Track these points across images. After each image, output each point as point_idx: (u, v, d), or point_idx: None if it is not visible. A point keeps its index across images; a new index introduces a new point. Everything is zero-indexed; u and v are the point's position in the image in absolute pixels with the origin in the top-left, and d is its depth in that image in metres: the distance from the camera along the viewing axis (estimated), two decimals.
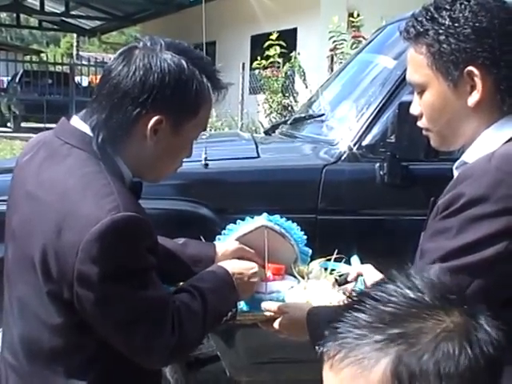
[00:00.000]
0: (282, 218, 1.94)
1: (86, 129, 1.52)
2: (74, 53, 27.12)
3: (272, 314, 1.77)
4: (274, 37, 10.52)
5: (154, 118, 1.48)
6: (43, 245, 1.44)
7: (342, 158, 2.98)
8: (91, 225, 1.38)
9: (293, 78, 11.53)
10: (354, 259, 2.02)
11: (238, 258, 1.84)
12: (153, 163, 1.57)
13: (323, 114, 3.53)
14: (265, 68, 11.30)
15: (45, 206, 1.46)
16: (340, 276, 1.97)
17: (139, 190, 1.61)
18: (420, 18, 1.50)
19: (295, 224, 1.96)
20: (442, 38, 1.46)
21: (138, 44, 1.54)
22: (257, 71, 12.34)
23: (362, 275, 1.90)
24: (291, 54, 11.50)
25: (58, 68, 20.25)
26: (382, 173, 2.90)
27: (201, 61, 1.56)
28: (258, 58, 11.36)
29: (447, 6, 1.47)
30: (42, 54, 26.23)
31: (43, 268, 1.45)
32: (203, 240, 1.99)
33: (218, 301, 1.63)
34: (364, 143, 3.00)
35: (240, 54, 15.30)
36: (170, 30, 16.58)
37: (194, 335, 1.58)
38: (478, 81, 1.44)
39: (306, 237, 1.98)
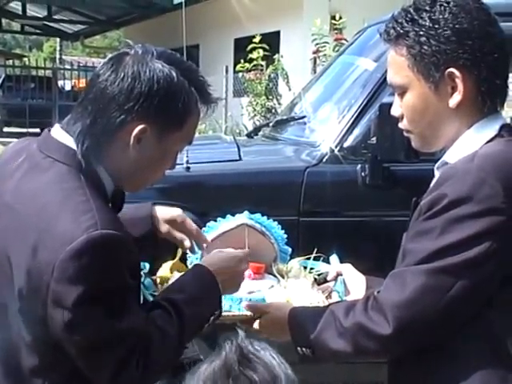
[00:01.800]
0: (263, 216, 1.94)
1: (69, 141, 1.49)
2: (57, 57, 27.01)
3: (252, 313, 1.74)
4: (257, 40, 10.52)
5: (139, 127, 1.45)
6: (17, 261, 1.40)
7: (324, 159, 3.00)
8: (67, 243, 1.33)
9: (276, 81, 11.53)
10: (334, 258, 2.01)
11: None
12: (134, 173, 1.53)
13: (305, 116, 3.54)
14: (248, 71, 11.29)
15: (21, 221, 1.43)
16: (319, 275, 1.98)
17: (121, 200, 1.58)
18: (400, 20, 1.51)
19: (276, 223, 1.96)
20: (422, 39, 1.46)
21: (130, 51, 1.50)
22: (240, 74, 12.33)
23: (341, 275, 1.90)
24: (274, 57, 11.48)
25: (41, 72, 20.12)
26: (363, 174, 2.91)
27: (191, 72, 1.53)
28: (242, 60, 11.36)
29: (427, 8, 1.48)
30: (25, 59, 26.09)
31: (17, 283, 1.40)
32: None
33: (197, 311, 1.57)
34: (345, 145, 3.02)
35: (223, 57, 15.29)
36: (154, 33, 16.57)
37: (166, 358, 1.51)
38: (459, 82, 1.45)
39: (286, 235, 1.97)
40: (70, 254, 1.33)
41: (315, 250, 2.04)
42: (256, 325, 1.74)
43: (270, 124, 4.03)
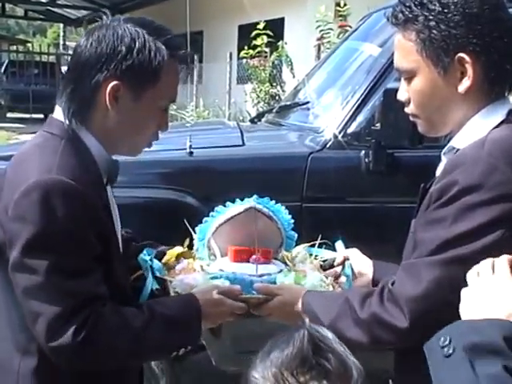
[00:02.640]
0: (271, 200, 1.93)
1: (60, 115, 1.59)
2: (61, 43, 26.96)
3: (264, 296, 1.72)
4: (261, 26, 10.48)
5: (111, 84, 1.54)
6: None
7: (328, 145, 2.98)
8: (22, 185, 1.44)
9: (280, 68, 11.49)
10: (339, 244, 2.01)
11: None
12: (121, 134, 1.61)
13: (309, 102, 3.52)
14: (252, 57, 11.26)
15: (7, 181, 1.53)
16: (324, 261, 1.97)
17: (116, 170, 1.66)
18: (408, 4, 1.49)
19: (283, 207, 1.95)
20: (432, 24, 1.45)
21: (101, 22, 1.61)
22: (244, 61, 12.29)
23: (348, 259, 1.89)
24: (278, 44, 11.45)
25: (45, 58, 20.13)
26: (367, 160, 2.89)
27: (160, 30, 1.60)
28: (246, 47, 11.32)
29: None
30: (29, 44, 26.07)
31: None
32: (189, 227, 1.97)
33: (169, 328, 1.56)
34: (349, 131, 3.00)
35: (227, 44, 15.25)
36: (157, 19, 16.39)
37: (114, 346, 1.51)
38: (468, 67, 1.44)
39: (292, 221, 1.97)
40: (21, 194, 1.44)
41: (319, 236, 2.02)
42: (267, 307, 1.71)
43: (274, 110, 4.01)
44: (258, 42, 10.63)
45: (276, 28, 12.10)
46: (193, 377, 3.27)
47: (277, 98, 10.86)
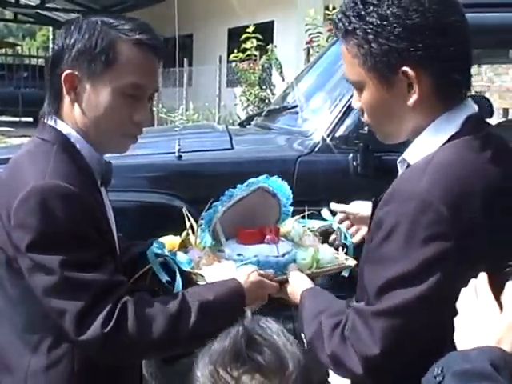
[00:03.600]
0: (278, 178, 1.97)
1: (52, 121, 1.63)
2: (50, 46, 26.84)
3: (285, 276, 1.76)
4: (250, 29, 10.50)
5: (64, 73, 1.58)
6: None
7: (316, 149, 3.00)
8: (19, 194, 1.46)
9: (270, 71, 11.51)
10: (325, 212, 2.06)
11: None
12: (91, 124, 1.61)
13: (297, 106, 3.53)
14: (242, 61, 11.28)
15: (1, 186, 1.57)
16: (316, 230, 2.03)
17: (109, 171, 1.69)
18: (348, 13, 1.41)
19: (285, 182, 1.98)
20: (370, 37, 1.36)
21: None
22: (234, 64, 12.31)
23: (340, 224, 1.95)
24: (268, 47, 11.47)
25: (34, 61, 20.07)
26: (355, 163, 2.91)
27: (119, 19, 1.63)
28: (235, 50, 11.34)
29: (374, 1, 1.37)
30: (18, 47, 25.94)
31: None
32: (188, 215, 1.99)
33: (212, 311, 1.56)
34: (337, 134, 3.02)
35: (217, 47, 15.26)
36: (147, 22, 16.49)
37: (149, 333, 1.50)
38: (414, 81, 1.36)
39: (291, 196, 1.99)
40: (19, 202, 1.46)
41: (306, 208, 2.07)
42: (285, 289, 1.75)
43: (263, 113, 4.02)
44: (248, 45, 10.66)
45: (265, 31, 12.14)
46: (184, 381, 3.27)
47: (266, 101, 10.88)
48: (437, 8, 1.36)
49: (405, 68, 1.35)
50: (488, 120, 3.85)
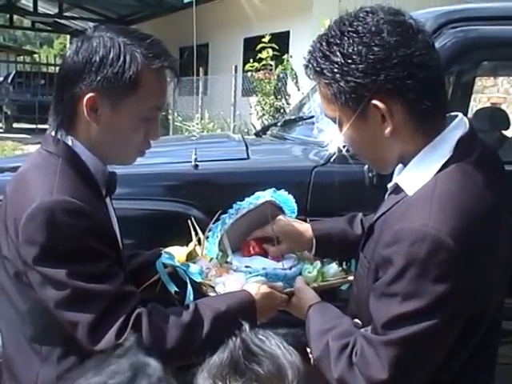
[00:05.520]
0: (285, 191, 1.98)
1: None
2: None
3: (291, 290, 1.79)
4: (266, 39, 10.54)
5: (87, 96, 1.54)
6: (5, 234, 1.55)
7: (332, 159, 2.99)
8: (26, 210, 1.47)
9: (285, 81, 11.55)
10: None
11: None
12: (106, 145, 1.61)
13: (313, 116, 3.54)
14: (257, 70, 11.32)
15: (8, 200, 1.58)
16: None
17: (113, 182, 1.68)
18: (315, 54, 1.46)
19: (291, 196, 2.00)
20: (337, 76, 1.41)
21: (84, 34, 1.62)
22: (249, 73, 12.35)
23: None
24: (283, 57, 11.51)
25: (51, 69, 20.19)
26: (370, 174, 2.90)
27: (139, 38, 1.58)
28: (251, 60, 11.38)
29: (337, 41, 1.42)
30: (35, 55, 26.18)
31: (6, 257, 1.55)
32: (195, 226, 1.99)
33: (223, 322, 1.55)
34: None
35: (233, 57, 15.31)
36: (163, 31, 16.58)
37: (163, 342, 1.51)
38: (385, 112, 1.39)
39: (296, 209, 2.00)
40: (26, 219, 1.46)
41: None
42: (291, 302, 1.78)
43: (279, 123, 4.03)
44: (263, 55, 10.71)
45: (281, 41, 12.16)
46: None
47: (281, 110, 10.91)
48: (397, 40, 1.38)
49: (374, 101, 1.39)
50: (504, 132, 3.80)
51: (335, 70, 1.41)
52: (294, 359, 1.11)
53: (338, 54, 1.40)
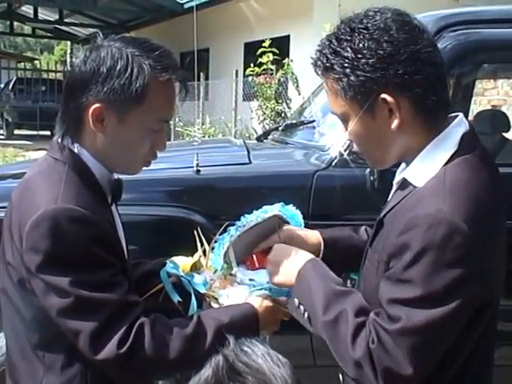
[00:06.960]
0: (293, 207, 1.98)
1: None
2: (68, 60, 27.11)
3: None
4: (266, 44, 10.56)
5: (92, 107, 1.54)
6: (10, 240, 1.55)
7: (333, 163, 2.99)
8: (31, 217, 1.47)
9: (286, 85, 11.57)
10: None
11: None
12: (112, 155, 1.60)
13: (314, 121, 3.54)
14: (258, 75, 11.34)
15: (13, 208, 1.58)
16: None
17: (119, 189, 1.67)
18: (325, 51, 1.50)
19: (298, 211, 2.00)
20: (347, 71, 1.45)
21: (92, 43, 1.61)
22: (250, 78, 12.37)
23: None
24: (284, 61, 11.53)
25: (52, 75, 20.26)
26: (372, 178, 2.90)
27: (148, 49, 1.57)
28: (252, 64, 11.40)
29: (348, 37, 1.46)
30: (36, 62, 26.24)
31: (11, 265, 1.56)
32: (201, 235, 1.99)
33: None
34: (355, 149, 3.01)
35: (233, 61, 15.34)
36: (164, 37, 16.62)
37: (165, 353, 1.51)
38: (393, 107, 1.44)
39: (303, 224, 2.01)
40: (30, 226, 1.46)
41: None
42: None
43: (280, 128, 4.03)
44: (264, 59, 10.73)
45: (282, 45, 12.20)
46: None
47: (282, 115, 10.92)
48: (405, 37, 1.44)
49: (383, 95, 1.44)
50: (504, 134, 3.80)
51: (345, 65, 1.45)
52: (281, 371, 1.08)
53: (348, 49, 1.45)
